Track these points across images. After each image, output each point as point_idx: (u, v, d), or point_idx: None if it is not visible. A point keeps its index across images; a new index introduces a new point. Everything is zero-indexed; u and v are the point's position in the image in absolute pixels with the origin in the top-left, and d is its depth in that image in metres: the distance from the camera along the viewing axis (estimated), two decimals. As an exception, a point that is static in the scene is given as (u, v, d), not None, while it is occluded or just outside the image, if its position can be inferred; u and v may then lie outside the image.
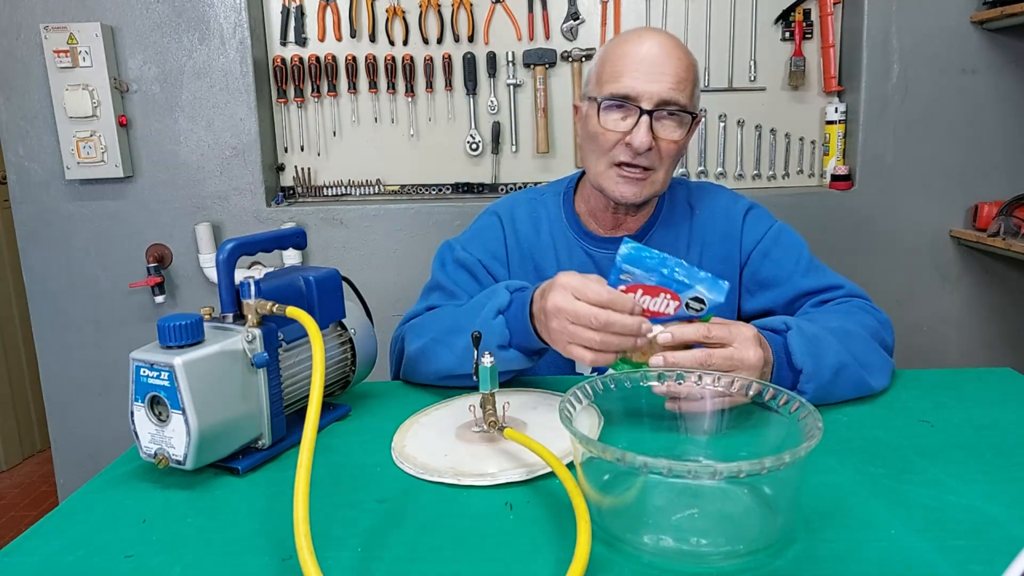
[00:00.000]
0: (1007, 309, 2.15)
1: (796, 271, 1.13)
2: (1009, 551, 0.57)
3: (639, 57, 1.03)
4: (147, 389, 0.73)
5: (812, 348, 0.89)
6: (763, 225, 1.17)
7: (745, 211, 1.18)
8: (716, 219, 1.17)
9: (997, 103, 2.04)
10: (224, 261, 0.79)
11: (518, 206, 1.22)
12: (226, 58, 2.04)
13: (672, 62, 1.03)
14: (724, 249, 1.16)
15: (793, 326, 0.91)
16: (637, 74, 1.03)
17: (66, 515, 0.71)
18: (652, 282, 0.84)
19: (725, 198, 1.20)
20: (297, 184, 2.20)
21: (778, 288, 1.14)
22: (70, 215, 2.09)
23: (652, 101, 1.02)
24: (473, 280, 1.16)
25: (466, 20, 2.10)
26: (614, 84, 1.04)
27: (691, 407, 0.78)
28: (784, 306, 1.13)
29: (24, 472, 2.87)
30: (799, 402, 0.67)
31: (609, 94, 1.04)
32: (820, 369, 0.88)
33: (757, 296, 1.16)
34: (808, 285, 1.12)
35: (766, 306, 1.15)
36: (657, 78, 1.02)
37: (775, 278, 1.14)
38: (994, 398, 0.94)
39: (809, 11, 2.09)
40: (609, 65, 1.06)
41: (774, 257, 1.15)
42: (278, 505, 0.72)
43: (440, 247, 1.23)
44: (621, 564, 0.60)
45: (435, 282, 1.19)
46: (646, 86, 1.02)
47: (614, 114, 1.05)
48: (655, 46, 1.04)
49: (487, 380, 0.79)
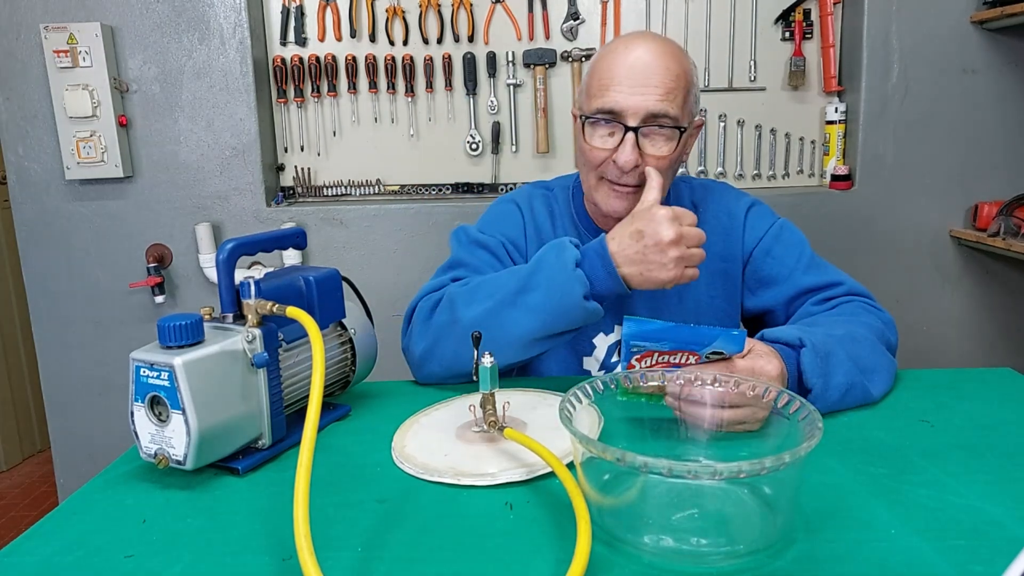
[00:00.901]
0: (1007, 309, 2.15)
1: (797, 268, 1.13)
2: (1009, 551, 0.57)
3: (625, 69, 1.00)
4: (147, 389, 0.73)
5: (823, 367, 0.89)
6: (765, 223, 1.17)
7: (747, 209, 1.17)
8: (719, 217, 1.17)
9: (997, 103, 2.04)
10: (224, 261, 0.79)
11: (535, 197, 1.20)
12: (226, 58, 2.04)
13: (659, 72, 0.99)
14: (726, 247, 1.16)
15: (807, 343, 0.90)
16: (622, 87, 0.99)
17: (66, 515, 0.71)
18: (667, 348, 0.83)
19: (728, 196, 1.20)
20: (297, 184, 2.20)
21: (779, 285, 1.14)
22: (70, 215, 2.09)
23: (637, 117, 1.00)
24: (495, 260, 1.12)
25: (466, 20, 2.10)
26: (599, 99, 1.01)
27: (693, 412, 0.78)
28: (785, 303, 1.13)
29: (24, 472, 2.87)
30: (799, 402, 0.67)
31: (594, 110, 1.02)
32: (828, 390, 0.88)
33: (759, 294, 1.16)
34: (809, 282, 1.12)
35: (767, 304, 1.15)
36: (642, 91, 0.99)
37: (777, 275, 1.14)
38: (994, 398, 0.94)
39: (809, 11, 2.09)
40: (596, 78, 1.03)
41: (776, 254, 1.15)
42: (278, 505, 0.72)
43: (455, 230, 1.19)
44: (621, 564, 0.60)
45: (456, 259, 1.13)
46: (631, 100, 0.99)
47: (600, 130, 1.03)
48: (643, 55, 1.00)
49: (487, 380, 0.79)
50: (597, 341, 1.14)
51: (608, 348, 1.15)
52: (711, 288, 1.15)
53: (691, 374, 0.77)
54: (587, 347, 1.15)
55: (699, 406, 0.77)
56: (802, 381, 0.89)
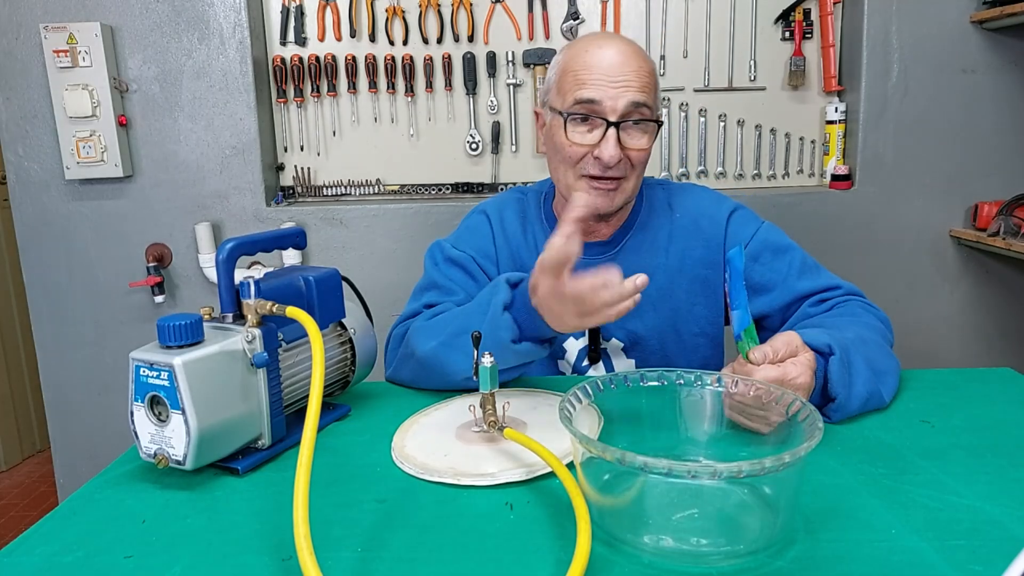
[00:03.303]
0: (1007, 309, 2.15)
1: (790, 274, 1.11)
2: (1009, 551, 0.57)
3: (601, 66, 1.01)
4: (147, 389, 0.73)
5: (846, 377, 0.87)
6: (749, 228, 1.14)
7: (729, 214, 1.14)
8: (698, 222, 1.14)
9: (997, 103, 2.04)
10: (224, 261, 0.79)
11: (506, 206, 1.20)
12: (226, 58, 2.04)
13: (634, 69, 1.01)
14: (707, 253, 1.13)
15: (837, 350, 0.87)
16: (600, 83, 1.00)
17: (66, 515, 0.71)
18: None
19: (707, 199, 1.17)
20: (297, 184, 2.20)
21: (773, 292, 1.11)
22: (70, 215, 2.09)
23: (617, 112, 1.01)
24: (468, 277, 1.15)
25: (466, 20, 2.09)
26: (577, 92, 1.02)
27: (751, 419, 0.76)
28: (781, 309, 1.11)
29: (24, 472, 2.87)
30: (799, 402, 0.67)
31: (573, 105, 1.02)
32: (850, 400, 0.87)
33: (751, 301, 1.14)
34: (805, 288, 1.10)
35: (762, 310, 1.12)
36: (620, 84, 1.00)
37: (769, 282, 1.11)
38: (994, 398, 0.94)
39: (809, 11, 2.09)
40: (571, 75, 1.03)
41: (765, 261, 1.12)
42: (278, 505, 0.72)
43: (430, 247, 1.21)
44: (621, 564, 0.60)
45: (429, 280, 1.16)
46: (609, 95, 1.00)
47: (580, 127, 1.03)
48: (616, 54, 1.01)
49: (487, 380, 0.79)
50: (568, 345, 1.15)
51: (579, 352, 1.15)
52: (691, 295, 1.13)
53: (691, 373, 0.77)
54: (559, 350, 1.15)
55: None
56: (827, 390, 0.87)
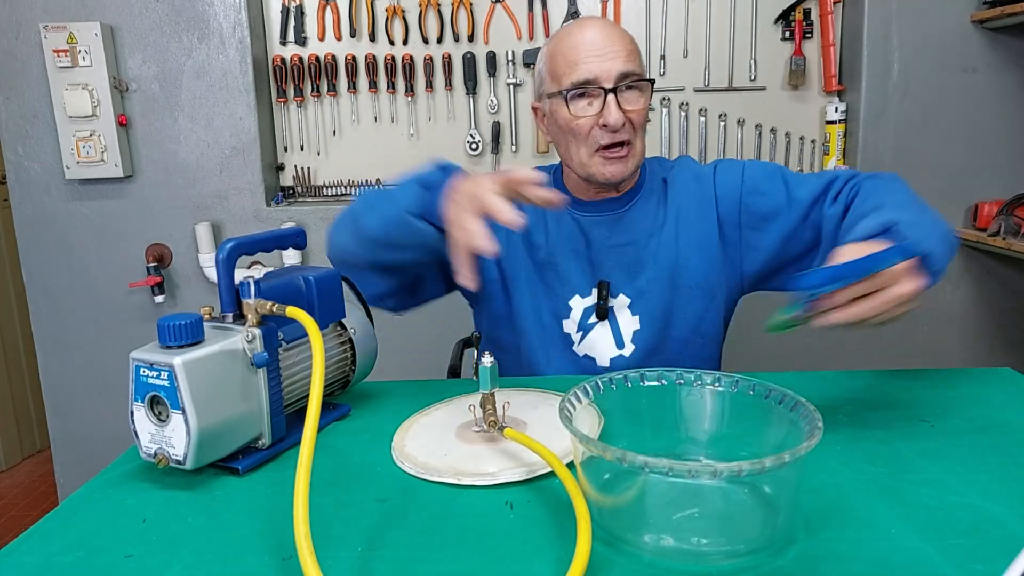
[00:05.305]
0: (1007, 309, 2.15)
1: (789, 188, 1.14)
2: (1010, 550, 0.57)
3: (586, 43, 1.09)
4: (147, 389, 0.73)
5: (921, 231, 0.88)
6: (735, 170, 1.18)
7: (713, 169, 1.20)
8: (688, 186, 1.19)
9: (997, 102, 2.04)
10: (224, 261, 0.79)
11: None
12: (226, 57, 2.04)
13: (616, 39, 1.09)
14: (700, 212, 1.17)
15: (898, 219, 0.87)
16: (590, 58, 1.08)
17: (66, 515, 0.71)
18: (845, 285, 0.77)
19: (694, 164, 1.23)
20: (297, 184, 2.20)
21: (785, 211, 1.13)
22: (70, 215, 2.09)
23: (611, 79, 1.08)
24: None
25: (466, 19, 2.10)
26: (572, 74, 1.09)
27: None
28: (799, 222, 1.12)
29: (24, 472, 2.87)
30: (799, 401, 0.67)
31: (571, 84, 1.09)
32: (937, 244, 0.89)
33: (767, 230, 1.15)
34: (809, 194, 1.12)
35: (784, 231, 1.13)
36: (609, 56, 1.08)
37: (776, 204, 1.14)
38: (994, 398, 0.94)
39: (809, 10, 2.09)
40: (561, 59, 1.11)
41: (764, 190, 1.15)
42: (278, 505, 0.71)
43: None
44: (621, 564, 0.60)
45: None
46: (602, 66, 1.08)
47: (580, 102, 1.10)
48: (597, 30, 1.10)
49: (487, 380, 0.79)
50: (573, 303, 1.18)
51: (584, 310, 1.17)
52: (687, 248, 1.17)
53: (692, 373, 0.77)
54: (564, 310, 1.18)
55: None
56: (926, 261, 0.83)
